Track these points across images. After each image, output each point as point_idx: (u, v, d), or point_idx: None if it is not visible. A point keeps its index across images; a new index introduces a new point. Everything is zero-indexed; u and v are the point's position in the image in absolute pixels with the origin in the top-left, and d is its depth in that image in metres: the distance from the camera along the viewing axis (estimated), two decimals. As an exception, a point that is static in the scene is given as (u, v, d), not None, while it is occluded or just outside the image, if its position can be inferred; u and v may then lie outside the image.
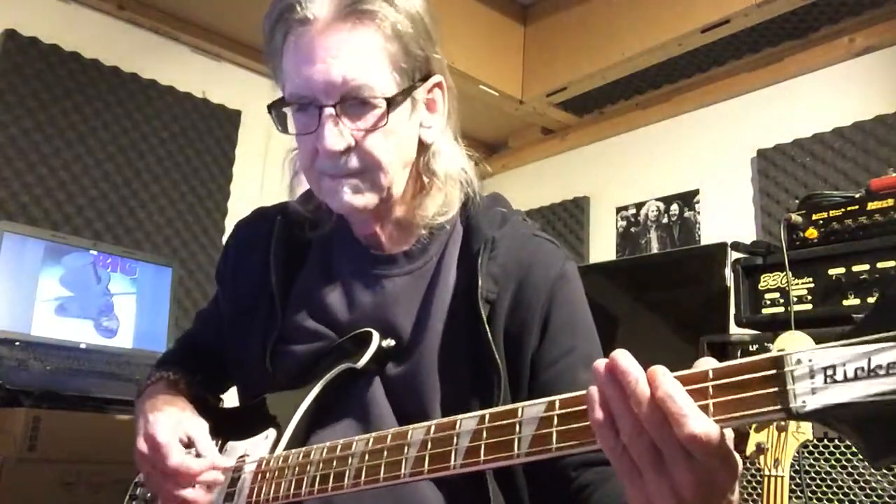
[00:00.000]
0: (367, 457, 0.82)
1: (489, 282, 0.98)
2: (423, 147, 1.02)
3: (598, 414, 0.61)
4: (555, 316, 0.99)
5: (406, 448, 0.78)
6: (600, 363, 0.63)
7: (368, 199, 0.96)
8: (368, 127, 0.93)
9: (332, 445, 0.88)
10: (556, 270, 1.02)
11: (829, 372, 0.51)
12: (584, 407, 0.64)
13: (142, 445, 0.99)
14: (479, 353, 0.96)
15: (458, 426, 0.74)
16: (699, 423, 0.56)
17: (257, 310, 1.08)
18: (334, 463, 0.85)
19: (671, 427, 0.57)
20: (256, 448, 1.00)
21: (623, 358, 0.61)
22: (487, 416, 0.71)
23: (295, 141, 1.01)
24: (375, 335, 0.99)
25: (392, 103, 0.93)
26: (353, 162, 0.94)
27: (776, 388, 0.54)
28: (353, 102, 0.92)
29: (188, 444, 0.99)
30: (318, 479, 0.86)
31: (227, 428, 1.06)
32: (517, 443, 0.68)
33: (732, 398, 0.56)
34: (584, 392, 0.64)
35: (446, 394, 0.97)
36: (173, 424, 0.99)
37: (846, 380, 0.50)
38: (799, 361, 0.53)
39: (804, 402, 0.52)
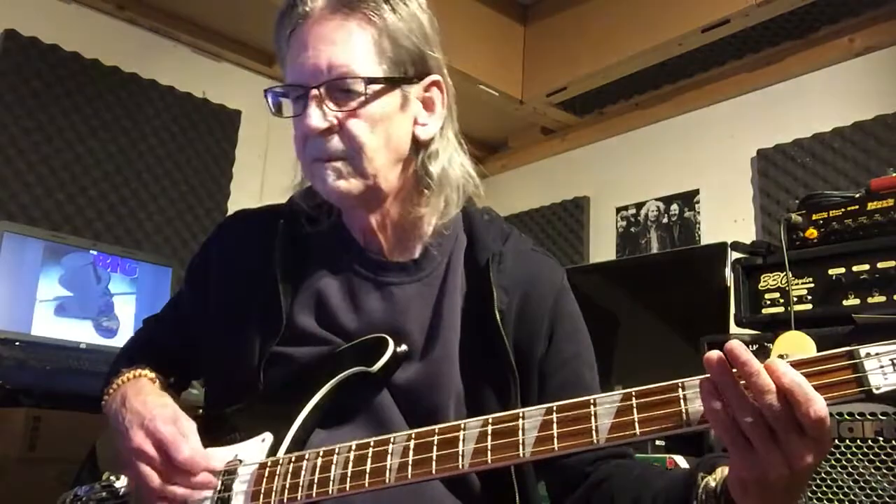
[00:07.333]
0: (412, 452, 0.83)
1: (502, 293, 1.02)
2: (419, 145, 1.03)
3: (715, 404, 0.68)
4: (559, 325, 1.05)
5: (462, 441, 0.81)
6: (712, 354, 0.68)
7: (352, 185, 0.98)
8: (350, 110, 0.96)
9: (363, 443, 0.87)
10: (558, 283, 1.09)
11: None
12: (657, 397, 0.73)
13: (142, 442, 0.94)
14: (495, 359, 1.00)
15: (521, 417, 0.79)
16: (822, 405, 0.65)
17: (252, 312, 1.06)
18: (369, 460, 0.86)
19: (791, 410, 0.66)
20: (250, 452, 0.97)
21: (741, 350, 0.67)
22: (555, 408, 0.77)
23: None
24: (391, 341, 0.99)
25: (374, 90, 0.97)
26: (337, 144, 0.97)
27: (854, 375, 0.67)
28: (337, 87, 0.96)
29: None
30: (349, 476, 0.86)
31: (207, 434, 1.00)
32: (595, 431, 0.74)
33: (817, 384, 0.68)
34: (657, 385, 0.73)
35: (465, 398, 1.00)
36: (171, 420, 0.96)
37: None
38: (868, 354, 0.66)
39: (879, 385, 0.65)
